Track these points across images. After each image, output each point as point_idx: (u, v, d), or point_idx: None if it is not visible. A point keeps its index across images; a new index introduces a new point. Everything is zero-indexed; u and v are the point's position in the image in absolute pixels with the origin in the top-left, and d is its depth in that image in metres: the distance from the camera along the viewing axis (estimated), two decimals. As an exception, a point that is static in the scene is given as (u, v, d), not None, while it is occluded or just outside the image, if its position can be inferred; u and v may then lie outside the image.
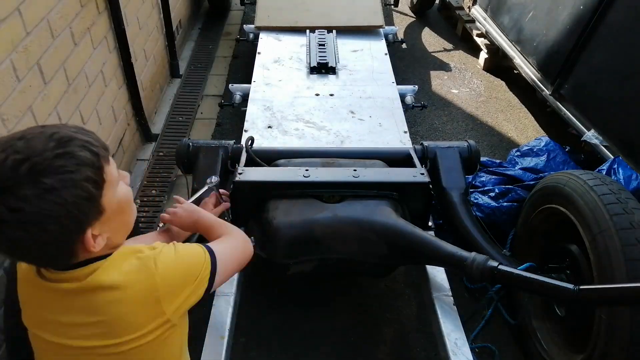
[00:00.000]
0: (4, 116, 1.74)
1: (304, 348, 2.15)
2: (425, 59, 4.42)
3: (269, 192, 1.95)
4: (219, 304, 1.76)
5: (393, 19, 5.06)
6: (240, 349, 2.12)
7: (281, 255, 1.88)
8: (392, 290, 2.42)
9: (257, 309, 2.29)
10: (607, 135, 2.64)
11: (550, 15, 3.17)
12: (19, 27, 1.83)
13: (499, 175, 2.67)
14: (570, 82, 2.96)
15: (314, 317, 2.27)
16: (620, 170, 2.30)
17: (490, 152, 3.35)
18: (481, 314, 2.26)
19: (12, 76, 1.78)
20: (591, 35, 2.80)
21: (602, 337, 1.65)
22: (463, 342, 1.68)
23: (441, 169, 2.23)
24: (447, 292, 1.86)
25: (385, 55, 3.18)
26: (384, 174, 2.01)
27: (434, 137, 3.47)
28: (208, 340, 1.63)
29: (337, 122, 2.52)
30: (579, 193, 1.82)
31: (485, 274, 1.60)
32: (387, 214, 1.86)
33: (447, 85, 4.07)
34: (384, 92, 2.79)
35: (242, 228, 2.04)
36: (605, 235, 1.66)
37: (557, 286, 1.50)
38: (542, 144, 2.79)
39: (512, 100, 3.92)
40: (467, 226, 2.12)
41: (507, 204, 2.46)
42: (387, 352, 2.15)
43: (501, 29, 3.78)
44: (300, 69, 2.98)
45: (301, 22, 3.42)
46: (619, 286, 1.50)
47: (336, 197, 1.93)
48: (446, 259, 1.73)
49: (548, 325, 2.06)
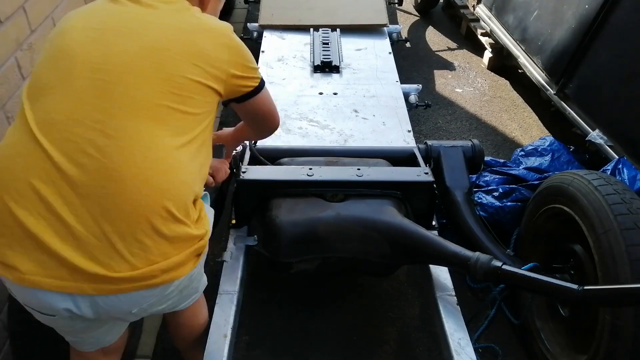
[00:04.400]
0: (9, 114, 1.75)
1: (307, 347, 2.15)
2: (429, 58, 4.42)
3: (272, 190, 1.95)
4: (222, 303, 1.76)
5: (397, 17, 5.05)
6: (243, 347, 2.12)
7: (284, 254, 1.88)
8: (395, 290, 2.41)
9: (260, 307, 2.29)
10: (611, 135, 2.63)
11: (555, 14, 3.16)
12: (24, 25, 1.83)
13: (503, 175, 2.66)
14: (574, 82, 2.95)
15: (317, 316, 2.27)
16: (624, 170, 2.29)
17: (494, 151, 3.34)
18: (485, 314, 2.26)
19: (16, 74, 1.79)
20: (596, 34, 2.79)
21: (606, 338, 1.65)
22: (466, 342, 1.67)
23: (445, 168, 2.23)
24: (451, 292, 1.86)
25: (389, 54, 3.17)
26: (388, 173, 2.01)
27: (438, 137, 3.47)
28: (211, 338, 1.63)
29: (341, 121, 2.52)
30: (583, 193, 1.81)
31: (489, 274, 1.59)
32: (390, 213, 1.85)
33: (451, 84, 4.06)
34: (387, 91, 2.78)
35: (245, 227, 2.05)
36: (609, 235, 1.66)
37: (561, 286, 1.49)
38: (547, 144, 2.78)
39: (517, 99, 3.91)
40: (470, 226, 2.12)
41: (511, 204, 2.46)
42: (390, 352, 2.15)
43: (506, 28, 3.77)
44: (303, 67, 2.98)
45: (305, 21, 3.42)
46: (623, 287, 1.49)
47: (339, 196, 1.93)
48: (449, 259, 1.73)
49: (552, 326, 2.06)
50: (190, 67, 1.19)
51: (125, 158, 1.10)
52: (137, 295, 1.15)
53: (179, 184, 1.16)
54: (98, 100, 1.12)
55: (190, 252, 1.18)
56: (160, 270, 1.13)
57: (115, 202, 1.09)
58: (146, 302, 1.19)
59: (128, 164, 1.10)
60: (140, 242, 1.10)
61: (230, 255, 1.93)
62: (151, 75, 1.15)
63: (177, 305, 1.34)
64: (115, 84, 1.13)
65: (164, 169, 1.14)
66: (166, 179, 1.14)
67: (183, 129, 1.19)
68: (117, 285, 1.10)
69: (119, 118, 1.12)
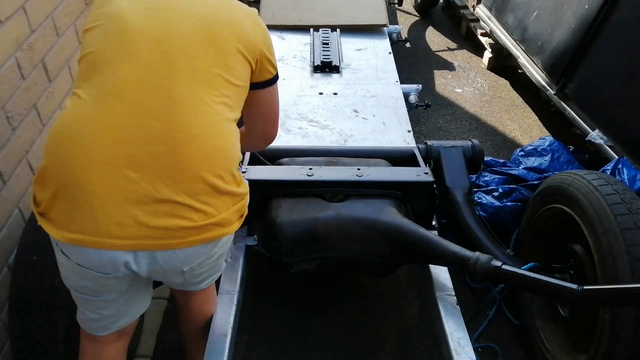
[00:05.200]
0: (9, 113, 1.75)
1: (307, 347, 2.15)
2: (429, 58, 4.42)
3: (272, 190, 1.95)
4: (222, 303, 1.76)
5: (397, 17, 5.05)
6: (243, 347, 2.12)
7: (284, 254, 1.88)
8: (395, 290, 2.41)
9: (260, 307, 2.29)
10: (611, 135, 2.63)
11: (555, 14, 3.16)
12: (24, 25, 1.83)
13: (503, 175, 2.67)
14: (574, 82, 2.95)
15: (317, 316, 2.27)
16: (624, 170, 2.29)
17: (494, 151, 3.35)
18: (484, 314, 2.26)
19: (16, 74, 1.79)
20: (596, 34, 2.79)
21: (605, 338, 1.65)
22: (466, 342, 1.67)
23: (445, 168, 2.23)
24: (451, 292, 1.86)
25: (389, 54, 3.17)
26: (388, 173, 2.01)
27: (438, 137, 3.47)
28: (211, 338, 1.63)
29: (341, 121, 2.52)
30: (583, 193, 1.81)
31: (489, 274, 1.59)
32: (390, 214, 1.86)
33: (451, 84, 4.07)
34: (387, 91, 2.78)
35: (245, 227, 2.05)
36: (609, 235, 1.66)
37: (560, 286, 1.49)
38: (546, 144, 2.78)
39: (516, 99, 3.91)
40: (470, 226, 2.12)
41: (511, 204, 2.46)
42: (390, 352, 2.15)
43: (505, 28, 3.77)
44: (304, 67, 2.98)
45: (305, 21, 3.42)
46: (623, 286, 1.49)
47: (339, 196, 1.93)
48: (449, 259, 1.73)
49: (551, 325, 2.06)
50: (234, 40, 1.31)
51: (189, 120, 1.21)
52: (192, 251, 1.25)
53: (231, 147, 1.31)
54: (164, 69, 1.22)
55: (236, 209, 1.31)
56: (214, 224, 1.25)
57: (179, 159, 1.19)
58: (196, 260, 1.31)
59: (191, 125, 1.21)
60: (198, 197, 1.21)
61: (230, 255, 1.93)
62: (207, 46, 1.27)
63: (207, 277, 1.45)
64: (178, 54, 1.24)
65: (220, 133, 1.27)
66: (222, 140, 1.27)
67: (232, 100, 1.31)
68: (176, 240, 1.20)
69: (182, 85, 1.22)
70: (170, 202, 1.18)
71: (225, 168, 1.27)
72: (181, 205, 1.19)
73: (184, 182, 1.19)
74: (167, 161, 1.18)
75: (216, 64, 1.27)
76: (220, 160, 1.25)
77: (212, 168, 1.23)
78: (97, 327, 1.44)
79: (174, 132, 1.19)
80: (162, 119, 1.19)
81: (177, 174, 1.19)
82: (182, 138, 1.20)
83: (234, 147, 1.32)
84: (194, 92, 1.23)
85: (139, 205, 1.16)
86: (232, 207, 1.29)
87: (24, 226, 1.66)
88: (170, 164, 1.18)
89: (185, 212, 1.20)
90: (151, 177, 1.17)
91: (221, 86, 1.28)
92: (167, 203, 1.18)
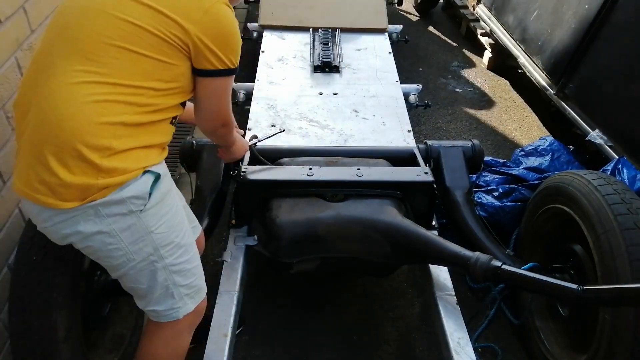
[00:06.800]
0: (9, 113, 1.75)
1: (307, 347, 2.15)
2: (429, 58, 4.42)
3: (272, 190, 1.95)
4: (222, 302, 1.76)
5: (397, 17, 5.05)
6: (243, 347, 2.12)
7: (284, 254, 1.88)
8: (395, 290, 2.41)
9: (260, 307, 2.29)
10: (611, 135, 2.63)
11: (555, 14, 3.16)
12: (24, 25, 1.83)
13: (503, 175, 2.67)
14: (574, 82, 2.95)
15: (317, 316, 2.27)
16: (624, 170, 2.29)
17: (494, 151, 3.35)
18: (484, 314, 2.26)
19: (16, 74, 1.79)
20: (596, 34, 2.79)
21: (605, 338, 1.65)
22: (466, 342, 1.67)
23: (445, 168, 2.23)
24: (450, 292, 1.86)
25: (389, 54, 3.17)
26: (388, 173, 2.01)
27: (438, 137, 3.47)
28: (211, 337, 1.64)
29: (341, 121, 2.52)
30: (583, 193, 1.81)
31: (489, 274, 1.60)
32: (390, 214, 1.86)
33: (451, 84, 4.07)
34: (387, 91, 2.78)
35: (245, 227, 2.06)
36: (609, 235, 1.66)
37: (560, 286, 1.49)
38: (546, 144, 2.78)
39: (516, 99, 3.91)
40: (470, 226, 2.12)
41: (511, 204, 2.46)
42: (390, 352, 2.15)
43: (506, 28, 3.77)
44: (304, 67, 2.98)
45: (305, 21, 3.42)
46: (623, 286, 1.49)
47: (340, 196, 1.93)
48: (449, 259, 1.73)
49: (551, 325, 2.06)
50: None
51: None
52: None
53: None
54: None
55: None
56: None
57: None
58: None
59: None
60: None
61: (230, 255, 1.93)
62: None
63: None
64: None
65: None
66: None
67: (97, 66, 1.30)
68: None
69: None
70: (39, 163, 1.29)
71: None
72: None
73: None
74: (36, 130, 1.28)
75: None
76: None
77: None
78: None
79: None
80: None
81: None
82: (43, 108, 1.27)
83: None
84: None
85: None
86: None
87: (24, 226, 1.66)
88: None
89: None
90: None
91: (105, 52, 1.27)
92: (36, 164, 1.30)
